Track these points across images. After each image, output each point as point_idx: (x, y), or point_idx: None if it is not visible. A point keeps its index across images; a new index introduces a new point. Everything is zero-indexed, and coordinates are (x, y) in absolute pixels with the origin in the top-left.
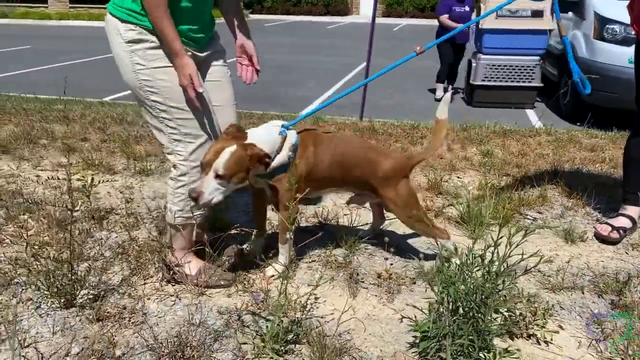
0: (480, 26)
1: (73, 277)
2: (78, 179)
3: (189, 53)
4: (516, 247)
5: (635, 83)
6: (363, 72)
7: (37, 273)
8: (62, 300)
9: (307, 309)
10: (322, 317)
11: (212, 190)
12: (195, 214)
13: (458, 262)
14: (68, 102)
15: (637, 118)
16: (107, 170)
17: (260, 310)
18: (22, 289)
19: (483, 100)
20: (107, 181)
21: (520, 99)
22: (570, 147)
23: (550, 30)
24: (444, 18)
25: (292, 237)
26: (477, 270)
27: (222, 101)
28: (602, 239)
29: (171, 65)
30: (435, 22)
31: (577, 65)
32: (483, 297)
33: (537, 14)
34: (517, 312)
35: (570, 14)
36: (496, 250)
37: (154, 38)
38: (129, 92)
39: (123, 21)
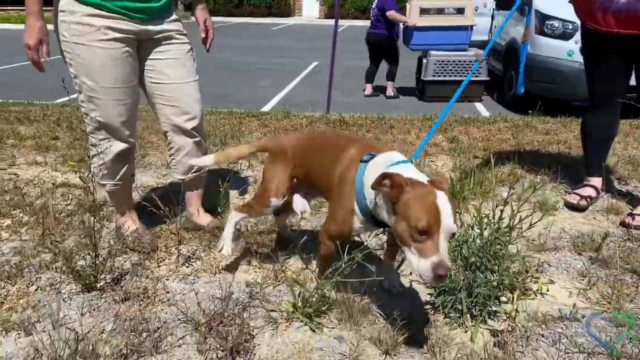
0: (406, 23)
1: (96, 261)
2: (67, 169)
3: (129, 24)
4: (524, 202)
5: (585, 70)
6: (314, 72)
7: (58, 259)
8: (83, 285)
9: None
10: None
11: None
12: (104, 182)
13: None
14: (21, 104)
15: (590, 102)
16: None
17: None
18: (37, 277)
19: (434, 95)
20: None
21: (469, 92)
22: (527, 131)
23: (472, 26)
24: (396, 13)
25: None
26: (485, 229)
27: (178, 78)
28: (573, 207)
29: (89, 43)
30: None
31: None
32: (493, 252)
33: (460, 11)
34: (513, 269)
35: None
36: (504, 208)
37: (81, 8)
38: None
39: None
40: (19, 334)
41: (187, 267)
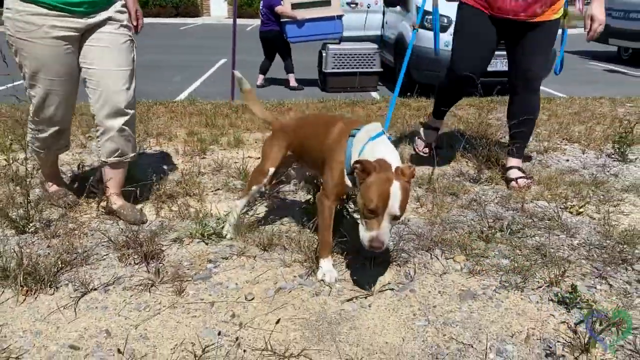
0: (282, 19)
1: (27, 207)
2: None
3: (71, 20)
4: None
5: (454, 42)
6: (223, 68)
7: None
8: (17, 230)
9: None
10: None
11: (389, 234)
12: (37, 150)
13: None
14: None
15: (447, 71)
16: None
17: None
18: None
19: (335, 86)
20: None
21: (365, 83)
22: (402, 109)
23: (340, 16)
24: (284, 7)
25: None
26: None
27: (106, 66)
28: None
29: (33, 40)
30: None
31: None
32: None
33: (326, 3)
34: None
35: (398, 8)
36: None
37: (25, 7)
38: None
39: None
40: None
41: (107, 215)
